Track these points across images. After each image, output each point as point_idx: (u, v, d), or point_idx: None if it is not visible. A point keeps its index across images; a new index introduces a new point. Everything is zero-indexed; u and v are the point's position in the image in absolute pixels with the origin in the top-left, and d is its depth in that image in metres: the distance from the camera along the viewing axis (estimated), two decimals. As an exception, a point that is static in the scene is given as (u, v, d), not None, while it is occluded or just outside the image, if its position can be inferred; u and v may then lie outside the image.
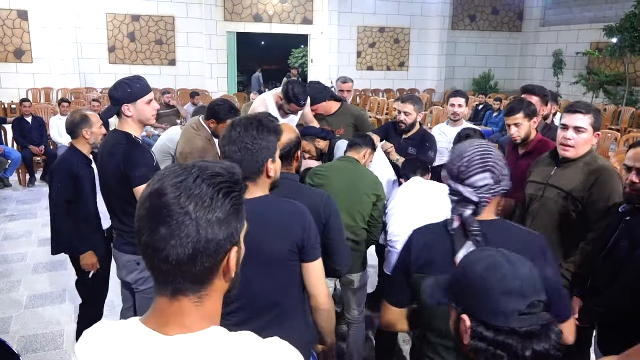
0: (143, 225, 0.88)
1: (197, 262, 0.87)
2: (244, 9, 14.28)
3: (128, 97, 2.48)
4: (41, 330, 3.74)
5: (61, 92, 12.23)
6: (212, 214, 0.88)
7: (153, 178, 0.92)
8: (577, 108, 2.43)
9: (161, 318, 0.91)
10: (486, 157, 1.54)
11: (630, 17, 11.12)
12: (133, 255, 2.59)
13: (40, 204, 6.83)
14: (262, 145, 1.70)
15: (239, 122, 1.74)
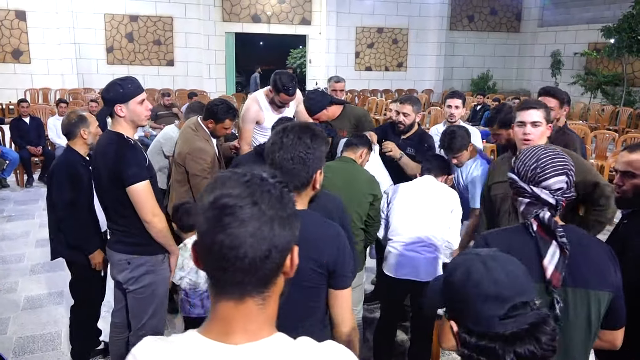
0: (213, 225, 0.86)
1: (270, 261, 0.87)
2: (242, 9, 14.28)
3: (120, 97, 2.46)
4: (39, 332, 3.73)
5: (59, 93, 12.22)
6: (283, 211, 0.89)
7: (215, 180, 0.91)
8: (530, 105, 2.55)
9: (224, 326, 0.89)
10: (563, 160, 1.54)
11: (627, 17, 11.14)
12: (124, 254, 2.59)
13: (38, 204, 6.82)
14: (315, 155, 1.66)
15: (291, 129, 1.69)
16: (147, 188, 2.48)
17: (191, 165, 3.34)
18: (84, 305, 3.22)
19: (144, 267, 2.59)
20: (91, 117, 3.14)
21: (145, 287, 2.61)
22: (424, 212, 2.92)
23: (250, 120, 3.69)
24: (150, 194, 2.49)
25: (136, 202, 2.45)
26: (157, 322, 2.72)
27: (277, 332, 0.93)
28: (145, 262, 2.59)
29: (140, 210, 2.46)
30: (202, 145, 3.37)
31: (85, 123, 3.07)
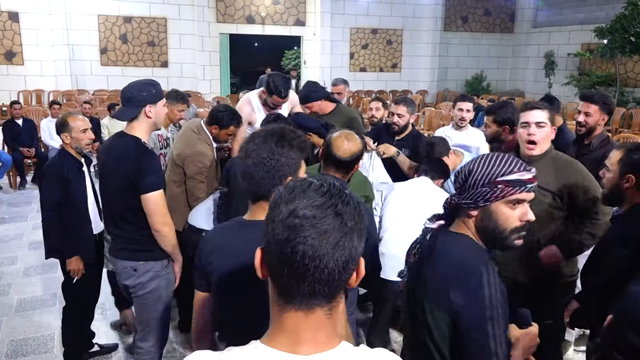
0: (295, 235, 0.84)
1: (346, 272, 0.87)
2: (237, 10, 14.27)
3: (152, 98, 2.44)
4: (31, 334, 3.71)
5: (53, 95, 12.17)
6: (361, 223, 0.89)
7: (292, 188, 0.90)
8: (534, 105, 2.52)
9: (293, 337, 0.88)
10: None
11: (620, 18, 11.19)
12: (129, 261, 2.56)
13: (31, 206, 6.79)
14: (280, 162, 1.51)
15: (259, 133, 1.58)
16: (162, 197, 2.45)
17: (190, 168, 3.34)
18: (76, 306, 3.21)
19: (151, 273, 2.57)
20: (79, 121, 3.08)
21: (152, 292, 2.60)
22: (418, 214, 2.80)
23: (243, 120, 3.69)
24: (163, 202, 2.46)
25: (149, 210, 2.42)
26: (163, 327, 2.72)
27: (343, 341, 0.92)
28: (152, 268, 2.57)
29: (152, 218, 2.43)
30: (202, 149, 3.37)
31: (67, 128, 3.03)
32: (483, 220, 1.49)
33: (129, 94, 2.45)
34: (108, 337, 3.67)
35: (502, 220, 1.47)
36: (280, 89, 3.49)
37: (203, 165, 3.35)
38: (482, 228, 1.50)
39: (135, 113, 2.44)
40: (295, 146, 1.56)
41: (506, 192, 1.45)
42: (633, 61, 13.06)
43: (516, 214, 1.48)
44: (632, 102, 12.73)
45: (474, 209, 1.50)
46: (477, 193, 1.48)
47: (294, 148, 1.55)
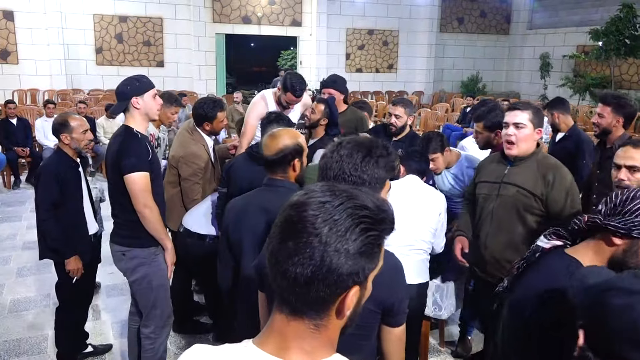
0: (275, 233, 0.87)
1: (312, 288, 0.82)
2: (233, 10, 14.25)
3: (137, 90, 2.58)
4: (25, 335, 3.69)
5: (47, 94, 12.11)
6: (342, 244, 0.82)
7: (305, 191, 0.89)
8: (516, 105, 2.53)
9: (281, 341, 0.87)
10: None
11: (615, 20, 11.24)
12: (119, 246, 2.68)
13: (25, 206, 6.75)
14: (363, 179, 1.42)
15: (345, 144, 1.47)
16: (143, 180, 2.54)
17: (183, 169, 3.35)
18: (70, 306, 3.19)
19: (137, 260, 2.66)
20: (78, 121, 3.08)
21: (141, 279, 2.70)
22: (412, 214, 2.71)
23: (255, 117, 3.70)
24: (145, 185, 2.55)
25: (130, 192, 2.53)
26: (161, 313, 2.80)
27: (336, 353, 0.90)
28: (138, 255, 2.66)
29: (134, 200, 2.54)
30: (195, 150, 3.38)
31: (67, 128, 3.03)
32: (626, 253, 1.37)
33: (118, 90, 2.64)
34: (102, 338, 3.65)
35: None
36: (296, 87, 3.50)
37: (197, 167, 3.35)
38: (618, 260, 1.38)
39: (124, 106, 2.61)
40: (382, 165, 1.44)
41: None
42: (628, 63, 13.11)
43: None
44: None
45: (621, 237, 1.37)
46: (635, 223, 1.35)
47: (380, 166, 1.44)
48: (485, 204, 2.67)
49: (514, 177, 2.55)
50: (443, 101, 14.89)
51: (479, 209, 2.71)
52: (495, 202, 2.62)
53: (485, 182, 2.70)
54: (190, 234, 3.22)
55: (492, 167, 2.70)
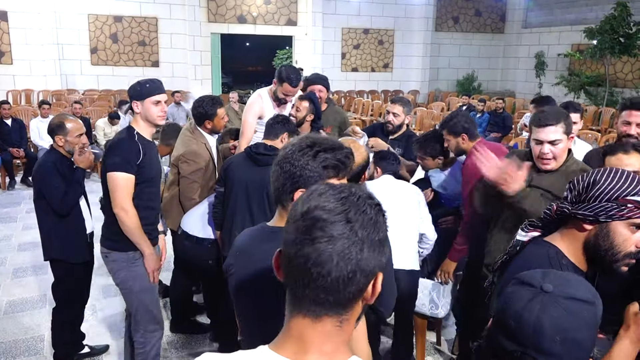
0: (302, 237, 0.83)
1: (353, 283, 0.83)
2: (228, 10, 14.23)
3: (137, 94, 2.61)
4: (21, 336, 3.68)
5: (42, 94, 12.05)
6: (375, 234, 0.84)
7: (311, 191, 0.88)
8: (547, 121, 2.29)
9: (299, 344, 0.86)
10: None
11: (609, 19, 11.29)
12: (103, 247, 2.72)
13: (21, 207, 6.72)
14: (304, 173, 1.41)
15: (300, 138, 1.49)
16: (124, 181, 2.54)
17: (183, 167, 3.35)
18: (66, 307, 3.18)
19: (117, 264, 2.69)
20: (74, 124, 3.07)
21: (122, 282, 2.72)
22: (395, 208, 2.85)
23: (252, 114, 3.73)
24: (125, 188, 2.54)
25: (110, 191, 2.56)
26: (148, 319, 2.78)
27: (354, 355, 0.89)
28: (117, 259, 2.68)
29: (112, 200, 2.56)
30: (196, 149, 3.38)
31: (63, 131, 3.02)
32: (597, 238, 1.40)
33: (128, 91, 2.71)
34: (98, 339, 3.64)
35: (619, 241, 1.38)
36: (292, 77, 3.55)
37: (196, 165, 3.34)
38: (592, 245, 1.41)
39: (127, 108, 2.74)
40: (320, 160, 1.42)
41: (634, 213, 1.35)
42: (622, 62, 13.17)
43: (634, 237, 1.39)
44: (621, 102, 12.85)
45: (590, 223, 1.40)
46: (600, 207, 1.38)
47: (318, 161, 1.42)
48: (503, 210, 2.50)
49: (540, 181, 2.41)
50: (439, 100, 14.92)
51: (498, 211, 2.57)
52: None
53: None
54: (188, 236, 3.22)
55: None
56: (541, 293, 1.03)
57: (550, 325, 1.00)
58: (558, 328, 1.00)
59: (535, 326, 1.00)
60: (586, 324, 1.01)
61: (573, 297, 1.03)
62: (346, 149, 1.51)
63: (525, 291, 1.06)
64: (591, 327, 1.02)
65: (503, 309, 1.07)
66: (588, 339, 1.02)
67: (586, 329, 1.01)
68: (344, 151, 1.48)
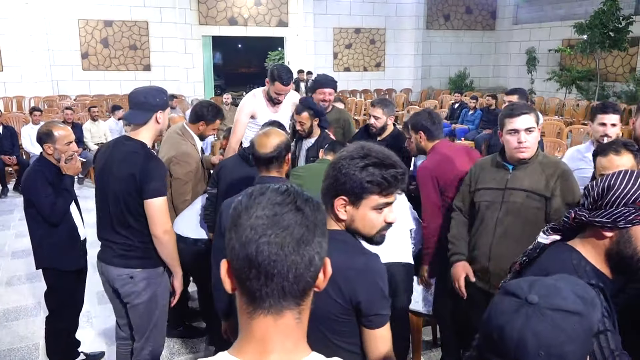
0: (259, 234, 0.84)
1: (312, 269, 0.86)
2: (219, 12, 14.20)
3: (163, 105, 2.48)
4: (16, 345, 3.66)
5: (33, 101, 12.00)
6: (323, 221, 0.89)
7: (250, 193, 0.91)
8: (521, 110, 2.37)
9: (260, 345, 0.86)
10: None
11: (599, 14, 11.34)
12: (126, 269, 2.52)
13: (14, 215, 6.68)
14: None
15: None
16: (165, 204, 2.45)
17: (176, 169, 3.32)
18: (60, 315, 3.16)
19: (147, 281, 2.54)
20: (63, 131, 3.02)
21: (149, 300, 2.57)
22: None
23: (245, 113, 3.77)
24: (166, 210, 2.46)
25: (151, 216, 2.41)
26: (159, 332, 2.70)
27: (312, 352, 0.91)
28: (149, 276, 2.54)
29: (153, 224, 2.42)
30: (188, 149, 3.38)
31: (51, 139, 2.97)
32: (619, 244, 1.36)
33: (142, 98, 2.46)
34: (94, 346, 3.63)
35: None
36: (283, 76, 3.56)
37: (189, 166, 3.34)
38: (615, 252, 1.37)
39: (148, 118, 2.46)
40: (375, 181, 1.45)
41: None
42: (612, 56, 13.24)
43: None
44: (612, 96, 12.91)
45: (609, 230, 1.36)
46: (618, 213, 1.34)
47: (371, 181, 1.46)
48: (487, 212, 2.51)
49: (519, 181, 2.41)
50: (431, 98, 14.96)
51: (479, 218, 2.56)
52: (500, 210, 2.46)
53: (486, 189, 2.53)
54: (181, 238, 3.21)
55: (491, 173, 2.54)
56: (525, 305, 0.99)
57: (533, 339, 0.96)
58: (541, 343, 0.95)
59: (518, 341, 0.96)
60: (572, 337, 0.96)
61: (559, 309, 0.97)
62: (399, 168, 1.50)
63: (509, 302, 1.01)
64: (579, 339, 0.97)
65: (487, 321, 1.03)
66: (576, 351, 0.97)
67: (573, 341, 0.96)
68: (395, 170, 1.48)
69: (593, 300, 1.02)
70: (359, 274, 1.47)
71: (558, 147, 7.33)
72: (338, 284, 1.42)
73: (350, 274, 1.44)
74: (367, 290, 1.47)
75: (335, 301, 1.45)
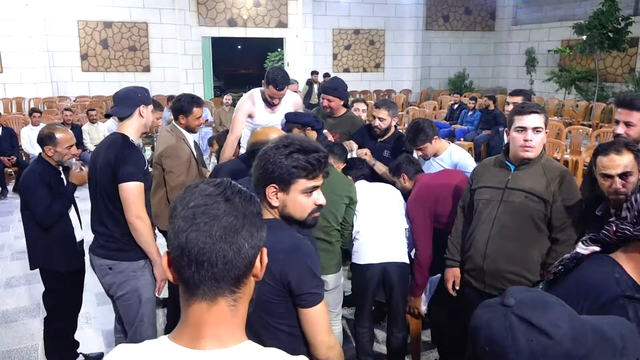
0: (189, 224, 0.88)
1: (243, 256, 0.90)
2: (218, 13, 14.21)
3: (145, 100, 2.62)
4: (15, 346, 3.66)
5: (33, 102, 12.00)
6: (253, 208, 0.94)
7: (186, 188, 0.95)
8: (532, 109, 2.36)
9: (195, 331, 0.90)
10: None
11: (598, 14, 11.34)
12: (106, 259, 2.62)
13: (13, 216, 6.68)
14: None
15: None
16: (138, 190, 2.52)
17: (167, 163, 3.37)
18: (58, 316, 3.16)
19: (125, 273, 2.61)
20: (64, 135, 3.03)
21: (130, 293, 2.63)
22: (378, 206, 3.08)
23: (243, 112, 3.80)
24: (139, 196, 2.53)
25: (124, 201, 2.50)
26: (148, 327, 2.72)
27: (247, 340, 0.93)
28: (126, 268, 2.60)
29: (126, 210, 2.51)
30: (175, 143, 3.42)
31: (53, 142, 3.00)
32: None
33: (124, 94, 2.63)
34: (93, 347, 3.63)
35: None
36: (277, 80, 3.54)
37: (179, 159, 3.37)
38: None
39: (131, 111, 2.60)
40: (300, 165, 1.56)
41: None
42: (612, 56, 13.23)
43: None
44: (611, 96, 12.91)
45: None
46: None
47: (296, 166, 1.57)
48: (485, 209, 2.50)
49: (520, 182, 2.41)
50: (431, 99, 14.96)
51: (476, 215, 2.55)
52: (498, 208, 2.45)
53: (486, 188, 2.53)
54: None
55: (492, 172, 2.54)
56: (499, 305, 0.98)
57: (486, 332, 0.96)
58: (491, 339, 0.95)
59: (474, 329, 1.00)
60: (520, 350, 0.93)
61: (527, 320, 0.94)
62: (321, 152, 1.60)
63: (491, 300, 1.03)
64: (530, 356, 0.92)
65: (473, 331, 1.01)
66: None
67: (519, 354, 0.93)
68: (318, 154, 1.58)
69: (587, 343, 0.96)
70: (287, 255, 1.55)
71: (557, 147, 7.34)
72: (269, 266, 1.45)
73: (279, 255, 1.51)
74: (296, 270, 1.54)
75: (266, 283, 1.52)
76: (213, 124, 9.48)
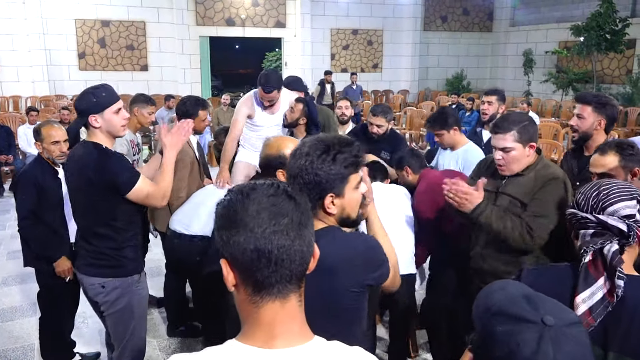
0: (263, 228, 0.88)
1: (310, 252, 0.94)
2: (216, 13, 14.20)
3: (93, 107, 2.32)
4: (11, 345, 3.65)
5: (30, 101, 11.98)
6: (309, 211, 0.97)
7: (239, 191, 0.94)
8: (497, 129, 2.30)
9: (268, 331, 0.90)
10: (629, 187, 1.40)
11: (595, 16, 11.38)
12: (97, 277, 2.44)
13: (10, 215, 6.67)
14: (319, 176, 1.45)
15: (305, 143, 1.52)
16: (144, 183, 2.34)
17: None
18: (52, 315, 3.15)
19: (119, 290, 2.45)
20: (51, 131, 2.99)
21: (123, 308, 2.49)
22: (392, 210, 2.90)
23: (242, 113, 3.83)
24: (149, 187, 2.36)
25: (142, 201, 2.36)
26: (138, 341, 2.62)
27: (315, 336, 0.95)
28: (120, 285, 2.45)
29: (152, 203, 2.39)
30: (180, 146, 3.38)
31: (39, 137, 2.98)
32: None
33: (75, 104, 2.39)
34: (89, 347, 3.61)
35: None
36: (264, 82, 3.57)
37: (182, 162, 3.33)
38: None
39: (81, 124, 2.38)
40: (340, 161, 1.46)
41: None
42: (609, 58, 13.28)
43: None
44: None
45: None
46: None
47: (338, 163, 1.45)
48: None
49: (510, 187, 2.40)
50: (428, 99, 14.98)
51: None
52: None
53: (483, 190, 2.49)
54: (178, 235, 3.20)
55: (490, 174, 2.52)
56: (545, 328, 0.95)
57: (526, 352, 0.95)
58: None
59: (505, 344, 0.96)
60: (588, 346, 0.98)
61: (572, 323, 0.98)
62: (355, 142, 1.55)
63: (527, 331, 0.96)
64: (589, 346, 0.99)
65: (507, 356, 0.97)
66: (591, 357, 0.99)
67: (589, 350, 0.97)
68: (355, 145, 1.52)
69: None
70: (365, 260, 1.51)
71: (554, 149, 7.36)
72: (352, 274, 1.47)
73: (356, 261, 1.49)
74: (374, 270, 1.53)
75: (351, 291, 1.47)
76: (211, 124, 9.47)
